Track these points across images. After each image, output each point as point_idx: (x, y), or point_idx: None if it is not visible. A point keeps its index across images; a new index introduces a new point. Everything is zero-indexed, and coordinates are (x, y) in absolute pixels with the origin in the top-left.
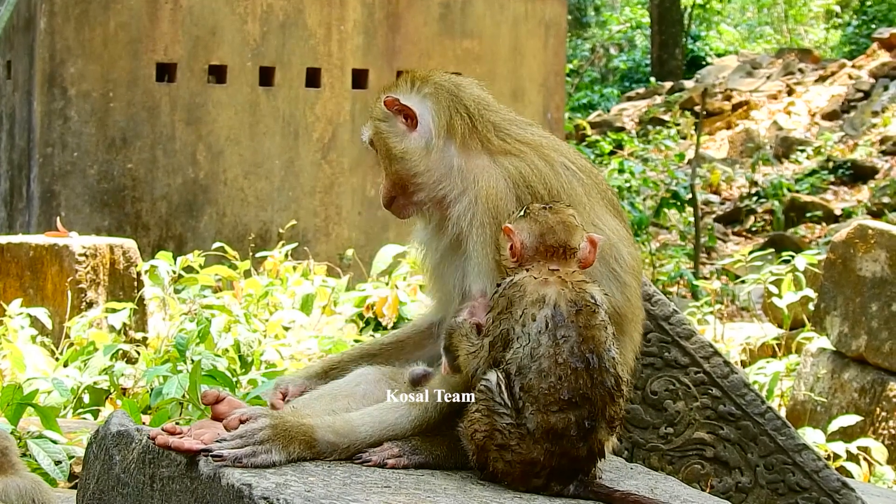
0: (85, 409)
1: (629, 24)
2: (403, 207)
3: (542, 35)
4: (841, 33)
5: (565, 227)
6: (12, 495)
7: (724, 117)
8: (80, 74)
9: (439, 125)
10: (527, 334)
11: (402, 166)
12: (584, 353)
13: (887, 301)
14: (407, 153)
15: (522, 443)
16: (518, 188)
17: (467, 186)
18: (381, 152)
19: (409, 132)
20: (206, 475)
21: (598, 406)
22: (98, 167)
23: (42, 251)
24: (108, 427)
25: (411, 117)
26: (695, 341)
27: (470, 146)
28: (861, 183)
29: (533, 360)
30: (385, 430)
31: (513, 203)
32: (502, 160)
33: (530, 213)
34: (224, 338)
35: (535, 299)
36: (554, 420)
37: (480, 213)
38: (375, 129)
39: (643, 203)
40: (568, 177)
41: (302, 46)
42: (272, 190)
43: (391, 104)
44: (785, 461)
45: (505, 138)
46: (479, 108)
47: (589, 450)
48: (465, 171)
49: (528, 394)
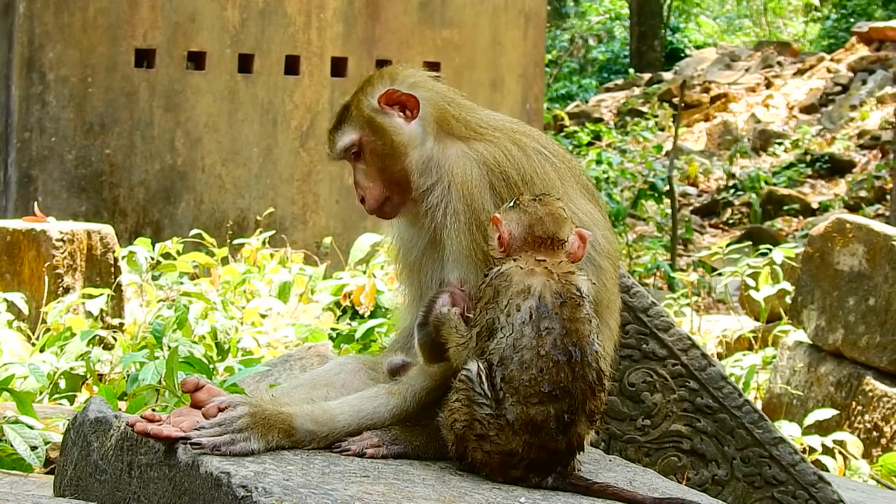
0: (61, 395)
1: (608, 15)
2: (398, 206)
3: (521, 25)
4: (820, 27)
5: (554, 219)
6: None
7: (702, 109)
8: (58, 59)
9: (433, 115)
10: (511, 324)
11: (402, 161)
12: (566, 346)
13: (864, 295)
14: (409, 147)
15: (501, 434)
16: (492, 174)
17: (441, 175)
18: (376, 151)
19: (405, 124)
20: (184, 463)
21: (578, 400)
22: (76, 152)
23: (19, 236)
24: (85, 414)
25: (412, 108)
26: (673, 333)
27: (447, 135)
28: (838, 177)
29: (515, 350)
30: (363, 419)
31: (486, 189)
32: (476, 146)
33: (520, 204)
34: (201, 325)
35: (521, 289)
36: (533, 412)
37: (454, 200)
38: (371, 126)
39: (621, 194)
40: (541, 161)
41: (281, 34)
42: (250, 177)
43: (392, 95)
44: (761, 454)
45: (478, 126)
46: (455, 99)
47: (568, 443)
48: (441, 160)
49: (509, 385)
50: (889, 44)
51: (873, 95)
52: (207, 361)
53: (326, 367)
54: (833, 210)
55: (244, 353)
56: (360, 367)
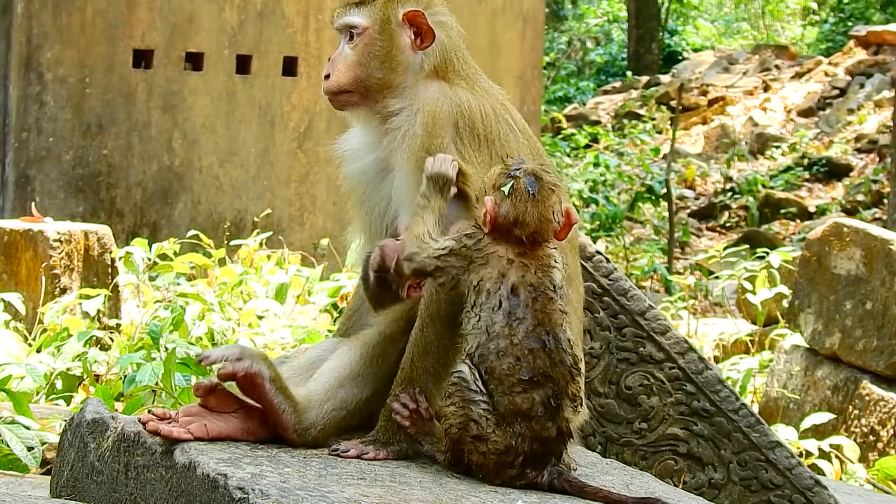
0: (58, 395)
1: (606, 17)
2: (352, 104)
3: (519, 28)
4: (818, 30)
5: (541, 220)
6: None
7: (699, 112)
8: (56, 60)
9: (441, 56)
10: (480, 305)
11: (384, 74)
12: (539, 335)
13: (861, 299)
14: (399, 64)
15: (498, 430)
16: (461, 115)
17: (413, 102)
18: (370, 49)
19: (411, 49)
20: (181, 464)
21: (560, 384)
22: (73, 153)
23: (16, 236)
24: (82, 414)
25: (426, 40)
26: (670, 336)
27: (439, 77)
28: (836, 180)
29: (490, 338)
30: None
31: (450, 125)
32: (457, 90)
33: (514, 193)
34: (198, 326)
35: (495, 276)
36: (519, 400)
37: (416, 125)
38: (382, 28)
39: (618, 197)
40: (506, 130)
41: (279, 35)
42: (247, 178)
43: (418, 19)
44: (758, 458)
45: (469, 80)
46: (465, 55)
47: (558, 430)
48: (420, 92)
49: (492, 376)
50: (887, 47)
51: (871, 99)
52: None
53: (308, 354)
54: (830, 214)
55: None
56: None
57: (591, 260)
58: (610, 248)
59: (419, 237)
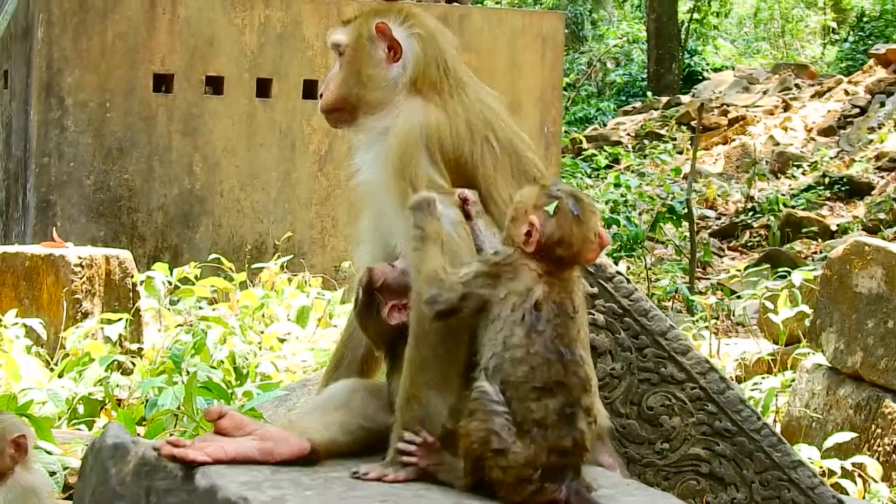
0: (80, 420)
1: (626, 38)
2: (341, 121)
3: (539, 49)
4: (837, 49)
5: (583, 242)
6: (43, 492)
7: (720, 132)
8: (77, 84)
9: (415, 69)
10: (503, 318)
11: (362, 89)
12: (556, 347)
13: (883, 318)
14: (374, 80)
15: (518, 441)
16: (429, 139)
17: (390, 121)
18: (351, 65)
19: (385, 63)
20: (202, 489)
21: (574, 394)
22: (94, 177)
23: (38, 261)
24: (103, 439)
25: (396, 52)
26: (691, 357)
27: (416, 91)
28: (857, 199)
29: (506, 349)
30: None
31: (421, 150)
32: (431, 110)
33: (560, 214)
34: (220, 349)
35: (521, 291)
36: (535, 408)
37: (389, 149)
38: (357, 44)
39: (639, 217)
40: (483, 147)
41: (299, 58)
42: (268, 201)
43: (383, 31)
44: (780, 478)
45: (448, 97)
46: (448, 63)
47: (573, 440)
48: (396, 109)
49: (508, 385)
50: None
51: (891, 117)
52: (226, 386)
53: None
54: (852, 232)
55: (263, 378)
56: (371, 390)
57: (611, 280)
58: (632, 269)
59: (434, 276)
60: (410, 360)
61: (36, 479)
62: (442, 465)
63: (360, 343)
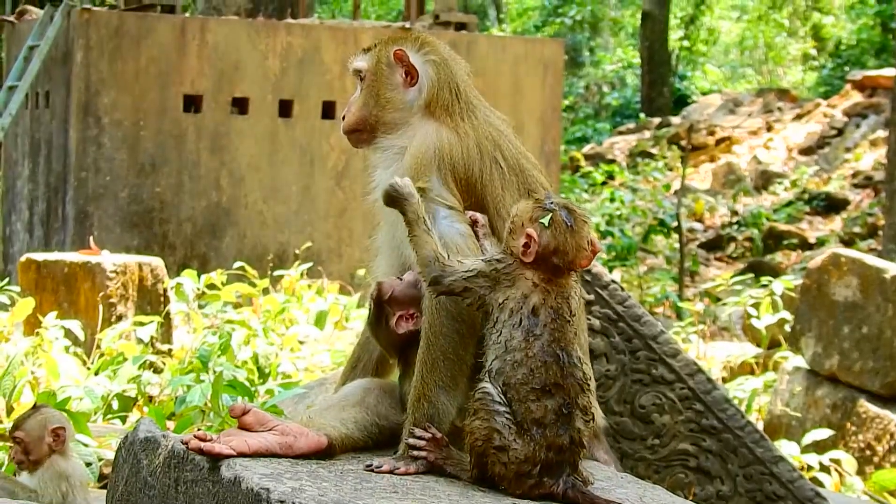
0: (114, 415)
1: (621, 63)
2: (361, 141)
3: (540, 74)
4: (817, 75)
5: (577, 250)
6: (75, 479)
7: (707, 151)
8: (112, 104)
9: (429, 93)
10: (502, 321)
11: (380, 111)
12: (553, 350)
13: (858, 324)
14: (392, 102)
15: (518, 439)
16: (441, 161)
17: (406, 142)
18: (371, 89)
19: (403, 87)
20: (227, 479)
21: (571, 394)
22: (129, 190)
23: (76, 268)
24: (136, 433)
25: (413, 77)
26: (680, 359)
27: (430, 114)
28: (834, 213)
29: (507, 352)
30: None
31: (433, 170)
32: (443, 131)
33: (554, 225)
34: (244, 350)
35: (519, 297)
36: (534, 408)
37: (403, 168)
38: (376, 69)
39: (632, 230)
40: (492, 167)
41: (318, 81)
42: (289, 214)
43: (401, 58)
44: (763, 471)
45: (459, 120)
46: (461, 88)
47: (570, 438)
48: (412, 131)
49: (509, 387)
50: (881, 91)
51: (866, 138)
52: (249, 384)
53: (353, 386)
54: (829, 245)
55: (283, 377)
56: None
57: (606, 288)
58: (625, 277)
59: (435, 259)
60: (422, 362)
61: (70, 467)
62: (449, 460)
63: (375, 346)
